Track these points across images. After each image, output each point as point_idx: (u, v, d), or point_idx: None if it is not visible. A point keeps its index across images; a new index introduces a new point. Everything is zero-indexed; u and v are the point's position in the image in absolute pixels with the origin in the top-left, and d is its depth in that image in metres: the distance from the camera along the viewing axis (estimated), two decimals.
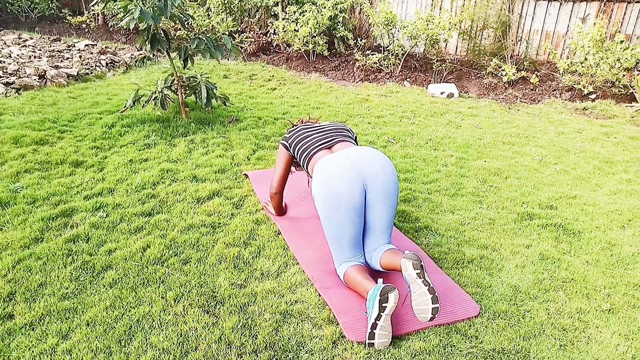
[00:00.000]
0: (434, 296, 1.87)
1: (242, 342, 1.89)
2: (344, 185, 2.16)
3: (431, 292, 1.87)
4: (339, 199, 2.16)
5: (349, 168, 2.20)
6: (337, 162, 2.23)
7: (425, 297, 1.88)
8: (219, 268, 2.34)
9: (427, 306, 1.88)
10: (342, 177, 2.17)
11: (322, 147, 2.42)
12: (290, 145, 2.57)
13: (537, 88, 6.06)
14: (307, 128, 2.59)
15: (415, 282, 1.91)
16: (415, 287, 1.91)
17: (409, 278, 1.92)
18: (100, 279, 2.23)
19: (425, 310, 1.88)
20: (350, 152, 2.29)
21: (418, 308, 1.90)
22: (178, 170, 3.32)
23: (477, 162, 3.82)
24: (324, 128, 2.58)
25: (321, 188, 2.21)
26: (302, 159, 2.47)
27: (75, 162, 3.40)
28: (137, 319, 1.99)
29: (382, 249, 2.22)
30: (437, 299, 1.87)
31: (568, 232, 2.83)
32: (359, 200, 2.18)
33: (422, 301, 1.89)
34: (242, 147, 3.79)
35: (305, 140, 2.50)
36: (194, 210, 2.84)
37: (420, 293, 1.89)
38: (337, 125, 2.61)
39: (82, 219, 2.69)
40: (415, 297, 1.91)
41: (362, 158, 2.24)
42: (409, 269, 1.92)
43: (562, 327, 2.06)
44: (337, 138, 2.47)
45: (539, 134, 4.60)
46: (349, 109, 5.02)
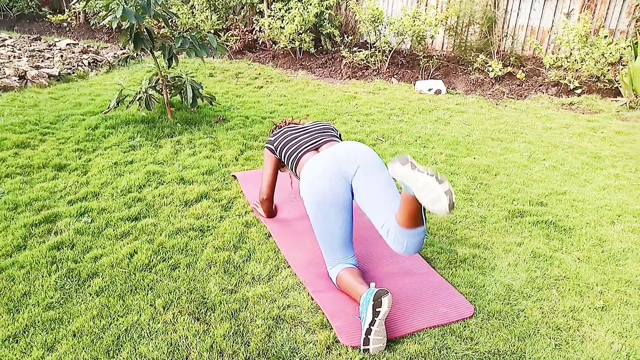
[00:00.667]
0: (435, 177, 1.64)
1: (234, 350, 1.85)
2: (327, 184, 2.14)
3: (431, 174, 1.65)
4: (324, 198, 2.14)
5: (328, 166, 2.18)
6: (318, 162, 2.22)
7: (429, 186, 1.63)
8: (208, 273, 2.29)
9: (434, 192, 1.63)
10: (323, 176, 2.16)
11: (309, 148, 2.39)
12: (276, 148, 2.53)
13: (523, 83, 6.08)
14: (291, 130, 2.55)
15: (409, 178, 1.69)
16: (412, 183, 1.69)
17: (402, 180, 1.71)
18: (86, 287, 2.17)
19: (436, 197, 1.63)
20: (330, 150, 2.28)
21: (428, 201, 1.65)
22: (164, 173, 3.26)
23: (466, 159, 3.81)
24: (309, 129, 2.54)
25: (307, 189, 2.19)
26: (289, 162, 2.44)
27: (58, 165, 3.31)
28: (125, 328, 1.93)
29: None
30: (438, 177, 1.64)
31: (559, 229, 2.83)
32: (343, 197, 2.15)
33: (428, 191, 1.64)
34: (230, 147, 3.74)
35: (292, 143, 2.46)
36: (181, 214, 2.79)
37: (421, 185, 1.65)
38: (321, 125, 2.58)
39: (67, 224, 2.62)
40: (419, 194, 1.67)
41: (339, 153, 2.23)
42: (399, 169, 1.72)
43: (556, 326, 2.05)
44: (324, 138, 2.44)
45: (527, 130, 4.61)
46: (337, 107, 4.98)
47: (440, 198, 1.63)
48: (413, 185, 1.70)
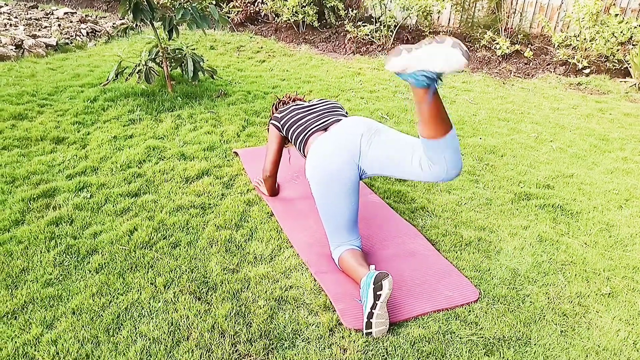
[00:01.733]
0: (432, 42, 1.49)
1: (235, 331, 1.82)
2: (333, 166, 2.08)
3: (428, 42, 1.50)
4: (331, 177, 2.08)
5: (335, 146, 2.11)
6: (324, 143, 2.15)
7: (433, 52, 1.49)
8: (210, 252, 2.25)
9: (442, 53, 1.48)
10: (330, 156, 2.09)
11: (318, 128, 2.31)
12: (282, 127, 2.46)
13: (531, 62, 5.96)
14: (299, 108, 2.47)
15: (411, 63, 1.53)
16: (416, 64, 1.53)
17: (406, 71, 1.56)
18: (86, 264, 2.13)
19: (446, 55, 1.48)
20: (334, 128, 2.21)
21: (440, 64, 1.50)
22: (165, 148, 3.19)
23: (472, 139, 3.74)
24: (317, 108, 2.46)
25: (313, 170, 2.13)
26: (297, 142, 2.37)
27: (56, 138, 3.24)
28: (125, 306, 1.90)
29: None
30: (436, 39, 1.50)
31: (566, 213, 2.78)
32: (350, 178, 2.09)
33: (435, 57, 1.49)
34: (232, 123, 3.66)
35: (300, 122, 2.39)
36: (182, 191, 2.73)
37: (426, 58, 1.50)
38: (329, 103, 2.50)
39: (65, 199, 2.57)
40: (429, 66, 1.52)
41: (343, 131, 2.15)
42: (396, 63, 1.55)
43: (562, 312, 2.03)
44: (332, 118, 2.36)
45: (534, 110, 4.53)
46: (341, 83, 4.88)
47: (452, 53, 1.46)
48: (419, 66, 1.52)
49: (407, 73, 1.58)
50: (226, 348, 1.74)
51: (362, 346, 1.79)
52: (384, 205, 2.71)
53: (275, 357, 1.73)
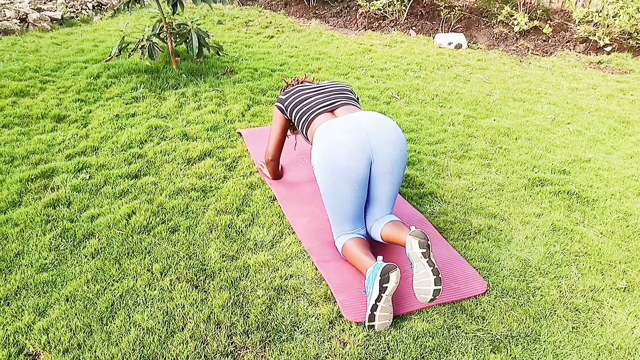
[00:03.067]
0: (437, 278, 1.73)
1: (232, 322, 1.76)
2: (349, 156, 1.94)
3: (435, 274, 1.73)
4: (343, 171, 1.95)
5: (355, 137, 1.96)
6: (341, 129, 1.99)
7: (427, 278, 1.74)
8: (209, 238, 2.18)
9: (429, 287, 1.74)
10: (346, 147, 1.94)
11: (323, 110, 2.19)
12: (286, 108, 2.33)
13: (549, 39, 5.73)
14: (305, 88, 2.34)
15: (419, 262, 1.76)
16: (419, 267, 1.76)
17: (413, 256, 1.77)
18: (82, 248, 2.08)
19: (427, 291, 1.74)
20: (357, 118, 2.04)
21: (419, 288, 1.77)
22: (167, 128, 3.11)
23: (485, 120, 3.60)
24: (324, 89, 2.32)
25: (322, 158, 1.99)
26: (300, 123, 2.24)
27: (57, 116, 3.18)
28: (120, 294, 1.85)
29: (385, 220, 2.05)
30: (440, 280, 1.73)
31: (581, 200, 2.66)
32: (364, 173, 1.97)
33: (424, 282, 1.75)
34: (237, 102, 3.56)
35: (304, 102, 2.26)
36: (183, 172, 2.66)
37: (423, 273, 1.75)
38: (339, 86, 2.35)
39: (63, 180, 2.51)
40: (418, 277, 1.77)
41: (370, 126, 2.00)
42: (414, 247, 1.76)
43: (574, 307, 1.93)
44: (340, 100, 2.23)
45: (551, 90, 4.35)
46: (351, 61, 4.73)
47: (428, 292, 1.74)
48: (415, 267, 1.78)
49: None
50: (222, 340, 1.69)
51: (362, 340, 1.72)
52: None
53: (272, 350, 1.67)
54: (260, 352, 1.66)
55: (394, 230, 1.96)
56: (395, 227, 1.97)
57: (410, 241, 1.78)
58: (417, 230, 1.80)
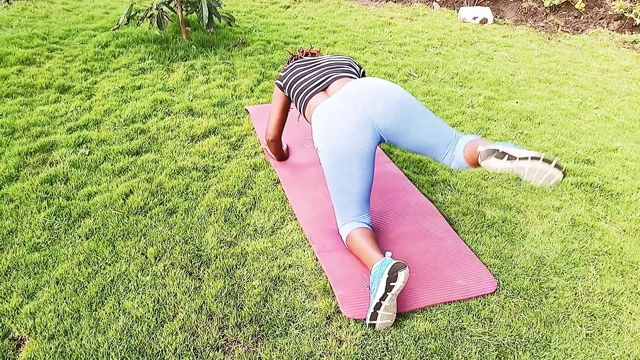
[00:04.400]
0: (543, 159, 1.60)
1: (225, 314, 1.69)
2: (345, 133, 1.84)
3: (536, 159, 1.60)
4: (343, 151, 1.85)
5: (349, 112, 1.86)
6: (333, 109, 1.89)
7: (537, 169, 1.60)
8: (207, 221, 2.10)
9: (547, 173, 1.60)
10: (344, 126, 1.85)
11: (316, 90, 2.05)
12: (284, 86, 2.21)
13: (582, 15, 5.41)
14: (302, 66, 2.20)
15: (515, 168, 1.63)
16: (520, 171, 1.63)
17: (507, 170, 1.66)
18: (76, 228, 2.02)
19: (550, 175, 1.61)
20: (347, 91, 1.93)
21: (542, 181, 1.62)
22: (173, 102, 3.01)
23: (507, 102, 3.41)
24: (319, 64, 2.18)
25: (322, 139, 1.89)
26: (298, 105, 2.13)
27: (62, 87, 3.09)
28: (111, 278, 1.79)
29: (460, 149, 1.85)
30: (548, 159, 1.60)
31: (605, 193, 2.50)
32: (367, 148, 1.86)
33: (538, 174, 1.61)
34: (246, 76, 3.43)
35: (299, 82, 2.13)
36: (186, 150, 2.56)
37: (529, 171, 1.62)
38: (335, 60, 2.20)
39: (63, 155, 2.44)
40: (529, 177, 1.63)
41: (360, 95, 1.88)
42: (497, 164, 1.66)
43: (590, 311, 1.81)
44: (332, 75, 2.08)
45: (580, 71, 4.11)
46: (369, 34, 4.53)
47: (554, 175, 1.60)
48: (520, 174, 1.65)
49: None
50: (212, 333, 1.61)
51: (360, 339, 1.63)
52: (401, 177, 2.48)
53: (264, 345, 1.60)
54: (252, 347, 1.59)
55: (469, 157, 1.81)
56: (467, 153, 1.82)
57: (489, 165, 1.69)
58: (484, 151, 1.70)
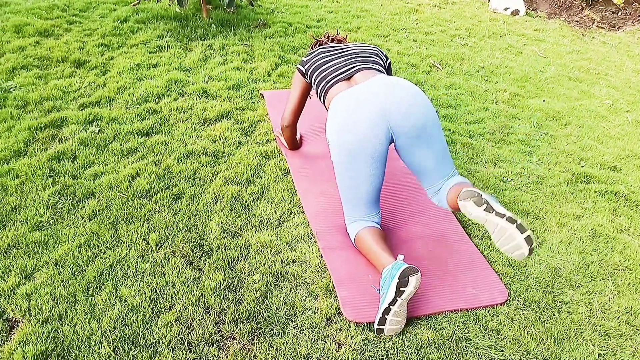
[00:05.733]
0: (518, 224, 1.53)
1: (222, 308, 1.64)
2: (360, 131, 1.75)
3: (512, 222, 1.53)
4: (355, 146, 1.77)
5: (369, 109, 1.76)
6: (352, 101, 1.80)
7: (508, 232, 1.53)
8: (213, 209, 2.05)
9: (516, 240, 1.53)
10: (359, 121, 1.76)
11: (340, 78, 1.96)
12: (306, 71, 2.12)
13: (620, 11, 5.16)
14: (327, 52, 2.11)
15: (487, 221, 1.57)
16: (491, 226, 1.57)
17: (479, 219, 1.59)
18: (80, 208, 1.99)
19: (517, 245, 1.53)
20: (370, 86, 1.83)
21: (506, 248, 1.57)
22: (188, 82, 2.95)
23: (534, 100, 3.26)
24: (345, 52, 2.08)
25: (335, 134, 1.81)
26: (318, 91, 2.04)
27: (77, 61, 3.06)
28: (110, 263, 1.76)
29: (445, 189, 1.82)
30: (523, 226, 1.53)
31: (630, 204, 2.38)
32: (380, 148, 1.78)
33: (506, 237, 1.55)
34: (265, 59, 3.34)
35: (323, 68, 2.04)
36: (197, 134, 2.51)
37: (499, 230, 1.55)
38: (362, 48, 2.11)
39: (72, 132, 2.40)
40: (497, 238, 1.57)
41: (383, 93, 1.78)
42: (472, 210, 1.59)
43: (604, 330, 1.72)
44: (357, 65, 1.98)
45: (613, 71, 3.92)
46: (394, 21, 4.39)
47: (520, 246, 1.53)
48: (488, 228, 1.59)
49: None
50: (208, 327, 1.57)
51: (359, 344, 1.57)
52: None
53: (260, 343, 1.55)
54: (247, 344, 1.54)
55: (451, 198, 1.76)
56: (453, 193, 1.76)
57: (465, 207, 1.61)
58: (465, 190, 1.61)
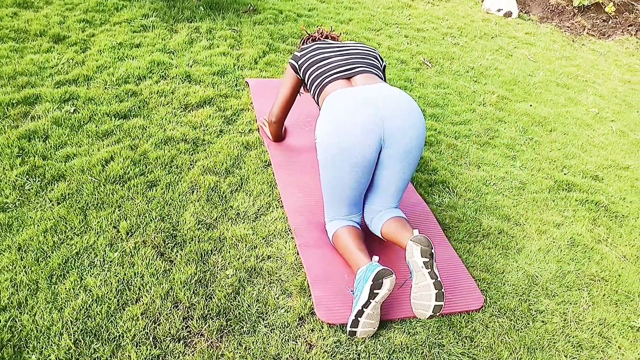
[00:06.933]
0: (439, 292, 1.55)
1: (192, 303, 1.59)
2: (356, 137, 1.66)
3: (437, 287, 1.55)
4: (346, 152, 1.67)
5: (366, 115, 1.67)
6: (352, 103, 1.70)
7: (428, 292, 1.56)
8: (188, 199, 1.99)
9: (429, 302, 1.57)
10: (354, 125, 1.66)
11: (339, 76, 1.87)
12: (300, 67, 2.01)
13: (610, 19, 5.18)
14: (323, 47, 2.02)
15: (419, 272, 1.57)
16: (419, 278, 1.57)
17: (413, 265, 1.58)
18: (49, 191, 1.90)
19: (426, 306, 1.58)
20: (373, 92, 1.74)
21: (417, 302, 1.61)
22: (171, 65, 2.86)
23: (521, 104, 3.25)
24: (345, 50, 1.99)
25: (326, 133, 1.70)
26: (313, 87, 1.93)
27: (56, 36, 2.94)
28: (77, 250, 1.68)
29: (388, 215, 1.81)
30: (442, 295, 1.55)
31: (609, 214, 2.38)
32: (370, 157, 1.70)
33: (424, 295, 1.57)
34: (252, 45, 3.26)
35: (320, 64, 1.94)
36: (177, 119, 2.43)
37: (423, 286, 1.57)
38: (362, 49, 2.01)
39: (46, 110, 2.31)
40: (417, 290, 1.59)
41: (386, 104, 1.70)
42: (415, 254, 1.56)
43: (578, 341, 1.71)
44: (359, 67, 1.90)
45: (600, 79, 3.93)
46: (386, 15, 4.33)
47: (428, 307, 1.59)
48: (415, 277, 1.61)
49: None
50: (176, 322, 1.52)
51: (331, 346, 1.54)
52: None
53: (229, 341, 1.50)
54: (215, 342, 1.50)
55: (397, 230, 1.73)
56: (398, 226, 1.73)
57: (412, 248, 1.57)
58: (420, 235, 1.59)
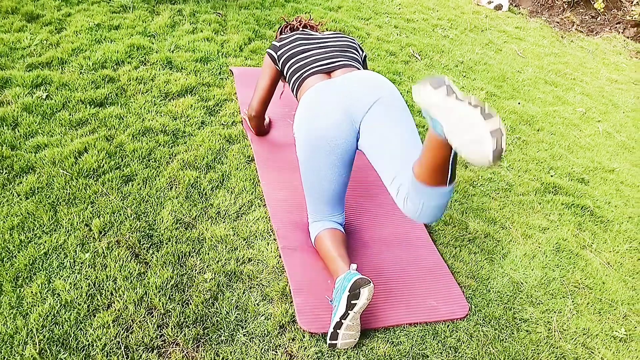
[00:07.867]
0: (479, 108, 1.10)
1: (167, 310, 1.51)
2: (328, 126, 1.63)
3: (475, 104, 1.11)
4: (321, 141, 1.64)
5: (338, 103, 1.65)
6: (326, 94, 1.68)
7: (468, 121, 1.11)
8: (166, 196, 1.90)
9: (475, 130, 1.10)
10: (328, 115, 1.64)
11: (318, 70, 1.80)
12: (279, 58, 1.95)
13: (599, 16, 5.16)
14: (304, 38, 1.94)
15: (440, 109, 1.16)
16: (444, 115, 1.16)
17: (431, 111, 1.19)
18: (16, 184, 1.79)
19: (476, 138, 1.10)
20: (341, 79, 1.71)
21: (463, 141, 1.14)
22: (151, 50, 2.73)
23: (509, 102, 3.21)
24: (326, 42, 1.93)
25: (302, 126, 1.69)
26: (292, 81, 1.87)
27: (30, 14, 2.78)
28: (45, 251, 1.59)
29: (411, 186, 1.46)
30: (484, 108, 1.11)
31: (595, 219, 2.36)
32: (345, 143, 1.65)
33: (465, 128, 1.12)
34: (238, 31, 3.14)
35: (300, 56, 1.87)
36: (157, 109, 2.32)
37: (456, 119, 1.13)
38: (344, 40, 1.96)
39: (16, 95, 2.17)
40: (452, 131, 1.15)
41: (352, 87, 1.67)
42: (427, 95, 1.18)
43: (561, 352, 1.69)
44: (340, 60, 1.84)
45: (588, 78, 3.91)
46: (377, 4, 4.22)
47: (483, 140, 1.08)
48: (445, 119, 1.16)
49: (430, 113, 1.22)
50: (150, 330, 1.44)
51: (312, 356, 1.48)
52: None
53: (205, 350, 1.44)
54: (191, 351, 1.43)
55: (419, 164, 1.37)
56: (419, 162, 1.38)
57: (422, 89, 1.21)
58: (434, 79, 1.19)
